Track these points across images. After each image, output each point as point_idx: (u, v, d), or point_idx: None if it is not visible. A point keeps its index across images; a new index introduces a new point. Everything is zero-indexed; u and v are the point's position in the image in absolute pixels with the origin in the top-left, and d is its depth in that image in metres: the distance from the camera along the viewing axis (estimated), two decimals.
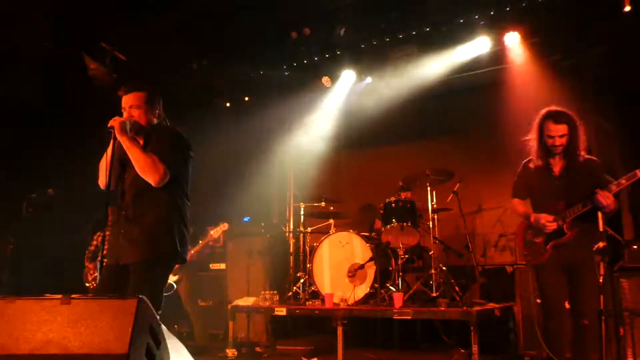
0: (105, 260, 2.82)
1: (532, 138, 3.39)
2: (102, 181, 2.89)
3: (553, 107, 3.32)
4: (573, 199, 3.22)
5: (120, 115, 2.90)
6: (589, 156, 3.33)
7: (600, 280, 2.79)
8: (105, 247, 2.79)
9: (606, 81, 5.28)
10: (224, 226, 5.36)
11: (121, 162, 2.87)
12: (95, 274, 5.40)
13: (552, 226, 3.25)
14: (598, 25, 5.12)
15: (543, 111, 3.34)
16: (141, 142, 2.89)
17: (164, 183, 2.77)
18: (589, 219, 3.20)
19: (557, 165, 3.35)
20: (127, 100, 2.92)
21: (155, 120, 2.98)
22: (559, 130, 3.24)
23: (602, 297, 2.75)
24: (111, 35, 5.87)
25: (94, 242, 5.56)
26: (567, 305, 3.44)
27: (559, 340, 3.25)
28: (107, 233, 2.90)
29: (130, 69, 6.01)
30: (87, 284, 5.54)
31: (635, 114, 4.96)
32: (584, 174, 3.26)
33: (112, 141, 2.76)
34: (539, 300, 3.49)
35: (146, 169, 2.74)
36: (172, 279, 5.22)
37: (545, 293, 3.33)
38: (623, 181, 3.08)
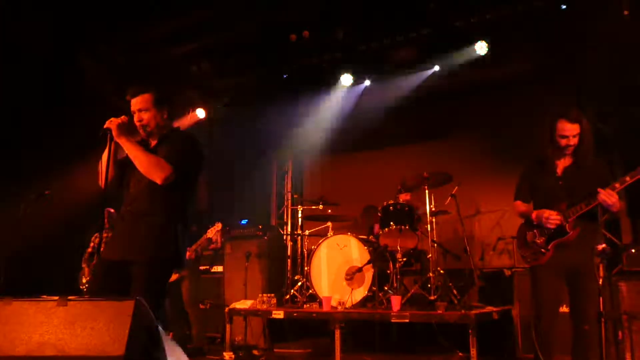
0: (102, 257, 2.79)
1: (541, 139, 3.34)
2: (102, 182, 2.88)
3: (563, 107, 3.29)
4: (576, 198, 3.18)
5: (128, 116, 2.87)
6: (596, 158, 3.29)
7: (600, 283, 2.77)
8: (102, 248, 2.77)
9: (604, 85, 5.28)
10: (217, 226, 5.33)
11: (126, 162, 2.85)
12: (89, 277, 5.37)
13: (556, 221, 3.20)
14: (594, 28, 5.13)
15: (554, 111, 3.28)
16: (154, 143, 2.89)
17: (170, 182, 2.73)
18: (592, 221, 3.16)
19: (561, 166, 3.32)
20: (135, 104, 2.89)
21: (164, 121, 2.94)
22: (572, 129, 3.19)
23: (601, 299, 2.74)
24: (109, 38, 5.88)
25: (92, 244, 5.54)
26: (564, 309, 3.43)
27: (548, 343, 3.22)
28: (105, 235, 2.89)
29: (129, 72, 6.02)
30: (80, 287, 5.50)
31: (635, 117, 4.96)
32: (588, 174, 3.21)
33: (108, 143, 2.74)
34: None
35: (150, 168, 2.72)
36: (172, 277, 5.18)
37: (541, 294, 3.29)
38: (627, 178, 3.02)
